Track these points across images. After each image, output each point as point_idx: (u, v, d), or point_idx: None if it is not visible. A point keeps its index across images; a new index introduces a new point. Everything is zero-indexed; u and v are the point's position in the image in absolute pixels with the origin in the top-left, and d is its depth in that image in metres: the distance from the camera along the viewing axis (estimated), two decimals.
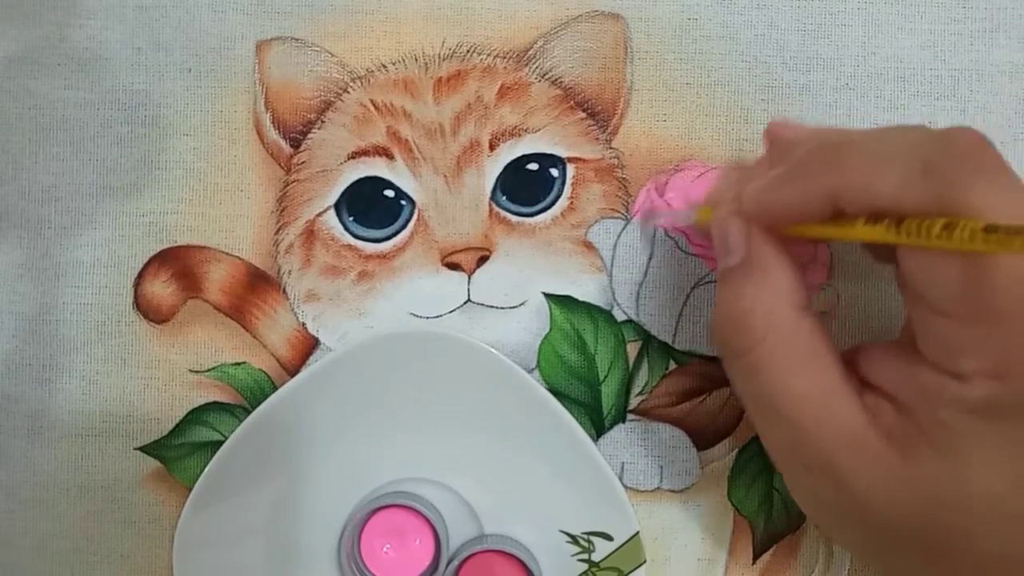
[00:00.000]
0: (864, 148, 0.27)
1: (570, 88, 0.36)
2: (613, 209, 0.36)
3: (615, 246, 0.36)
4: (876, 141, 0.28)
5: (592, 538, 0.35)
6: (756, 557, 0.36)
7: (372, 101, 0.36)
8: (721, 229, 0.30)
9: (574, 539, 0.35)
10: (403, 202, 0.36)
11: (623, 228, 0.36)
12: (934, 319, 0.26)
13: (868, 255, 0.33)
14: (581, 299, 0.36)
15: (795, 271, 0.29)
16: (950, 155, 0.25)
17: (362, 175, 0.36)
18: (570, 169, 0.36)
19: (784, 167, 0.29)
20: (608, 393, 0.36)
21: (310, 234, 0.36)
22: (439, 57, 0.36)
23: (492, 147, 0.36)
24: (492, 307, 0.36)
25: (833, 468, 0.28)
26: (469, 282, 0.36)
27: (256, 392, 0.36)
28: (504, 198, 0.36)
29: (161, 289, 0.36)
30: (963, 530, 0.26)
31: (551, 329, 0.36)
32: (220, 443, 0.35)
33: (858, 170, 0.27)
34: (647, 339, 0.36)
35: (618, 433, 0.36)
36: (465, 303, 0.36)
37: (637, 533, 0.35)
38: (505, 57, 0.36)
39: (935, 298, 0.26)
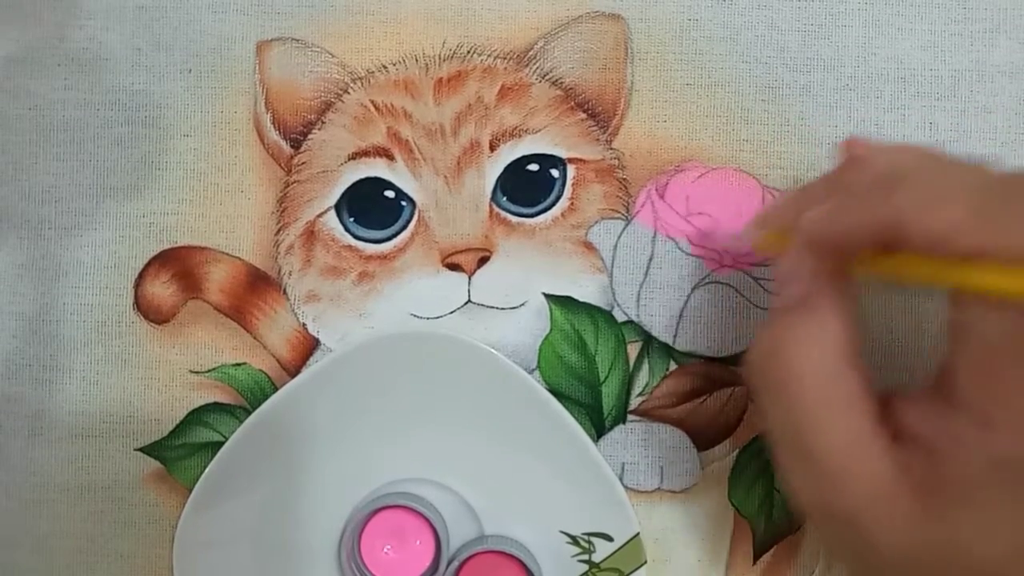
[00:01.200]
0: (921, 182, 0.27)
1: (570, 89, 0.36)
2: (613, 210, 0.36)
3: (615, 247, 0.36)
4: (935, 175, 0.27)
5: (592, 539, 0.35)
6: (756, 558, 0.36)
7: (372, 102, 0.36)
8: (788, 262, 0.29)
9: (574, 540, 0.35)
10: (403, 203, 0.36)
11: (623, 229, 0.36)
12: (979, 362, 0.26)
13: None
14: (581, 300, 0.36)
15: (854, 323, 0.29)
16: (1007, 199, 0.25)
17: (362, 176, 0.36)
18: (570, 170, 0.36)
19: (843, 195, 0.28)
20: (608, 394, 0.36)
21: (310, 235, 0.36)
22: (439, 58, 0.36)
23: (492, 148, 0.36)
24: (492, 308, 0.36)
25: (856, 520, 0.27)
26: (469, 283, 0.36)
27: (256, 393, 0.36)
28: (504, 199, 0.36)
29: (161, 290, 0.36)
30: None
31: (551, 330, 0.36)
32: (220, 444, 0.35)
33: (913, 205, 0.26)
34: (647, 340, 0.36)
35: (618, 434, 0.36)
36: (465, 304, 0.36)
37: (637, 534, 0.35)
38: (505, 58, 0.36)
39: (986, 340, 0.26)
